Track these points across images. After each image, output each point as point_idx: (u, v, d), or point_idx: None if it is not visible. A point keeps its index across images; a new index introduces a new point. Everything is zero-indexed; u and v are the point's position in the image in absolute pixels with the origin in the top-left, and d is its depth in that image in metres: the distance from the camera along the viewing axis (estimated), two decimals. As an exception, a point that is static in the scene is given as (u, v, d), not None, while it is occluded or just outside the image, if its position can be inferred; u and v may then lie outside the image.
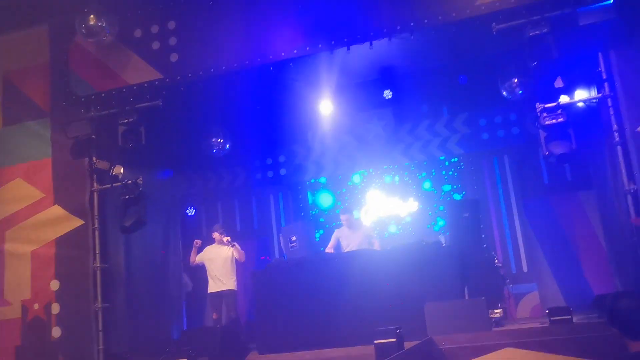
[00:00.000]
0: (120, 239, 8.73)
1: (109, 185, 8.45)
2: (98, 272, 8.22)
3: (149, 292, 9.42)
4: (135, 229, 8.23)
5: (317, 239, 11.09)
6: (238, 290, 9.39)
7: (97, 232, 8.31)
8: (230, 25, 8.11)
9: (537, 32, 6.98)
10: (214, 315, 9.23)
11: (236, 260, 9.27)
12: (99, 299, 8.14)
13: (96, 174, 8.48)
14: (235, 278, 9.19)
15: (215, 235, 9.42)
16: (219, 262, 9.18)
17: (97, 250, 8.26)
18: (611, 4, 6.59)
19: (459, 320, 6.94)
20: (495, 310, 7.86)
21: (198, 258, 9.38)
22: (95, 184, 8.47)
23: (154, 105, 8.30)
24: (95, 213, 8.36)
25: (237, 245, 9.26)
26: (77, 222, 8.33)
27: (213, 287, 9.20)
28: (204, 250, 9.43)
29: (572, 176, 9.96)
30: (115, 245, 8.67)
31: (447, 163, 10.94)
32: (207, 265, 9.31)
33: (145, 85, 8.31)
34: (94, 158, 8.46)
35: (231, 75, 8.21)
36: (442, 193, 10.87)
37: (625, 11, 6.64)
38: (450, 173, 10.90)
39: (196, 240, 9.44)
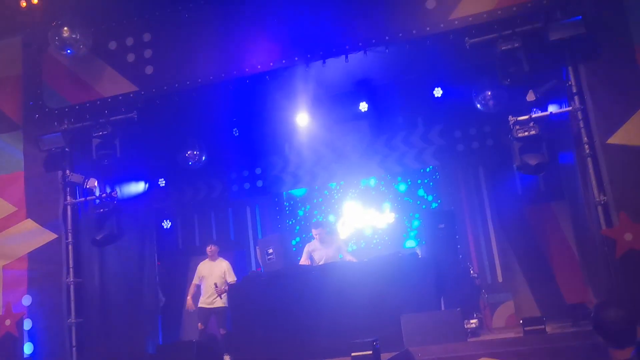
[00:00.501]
0: (95, 253, 8.63)
1: (83, 199, 8.37)
2: (72, 287, 8.12)
3: (124, 306, 9.29)
4: (108, 243, 8.15)
5: (294, 251, 11.08)
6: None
7: (70, 246, 8.21)
8: (206, 38, 8.13)
9: (508, 46, 7.12)
10: (200, 326, 9.37)
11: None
12: (73, 314, 8.03)
13: (70, 187, 8.39)
14: (226, 295, 9.27)
15: (209, 250, 9.68)
16: (211, 280, 9.37)
17: (71, 265, 8.17)
18: (580, 19, 6.74)
19: (435, 331, 6.99)
20: (471, 321, 7.93)
21: (195, 280, 9.65)
22: (68, 198, 8.38)
23: (128, 118, 8.25)
24: (69, 227, 8.26)
25: (227, 273, 9.52)
26: (50, 236, 8.23)
27: (204, 302, 9.42)
28: (198, 267, 9.67)
29: (545, 187, 10.10)
30: (90, 260, 8.56)
31: (422, 173, 11.01)
32: (201, 281, 9.58)
33: (120, 97, 8.28)
34: (68, 171, 8.37)
35: (207, 88, 8.22)
36: (418, 204, 10.94)
37: (594, 27, 6.81)
38: (426, 182, 10.98)
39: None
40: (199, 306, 9.43)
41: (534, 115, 7.33)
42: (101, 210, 8.14)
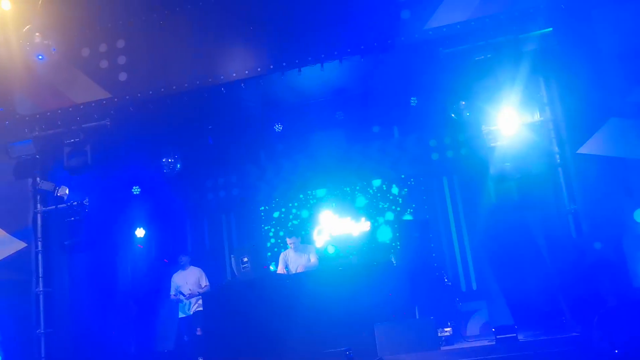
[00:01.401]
0: (65, 262, 8.50)
1: (54, 207, 8.24)
2: (41, 297, 7.97)
3: (95, 316, 9.15)
4: (79, 251, 8.04)
5: (269, 259, 11.04)
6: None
7: (40, 255, 8.07)
8: (181, 45, 8.09)
9: (482, 56, 7.21)
10: (199, 331, 9.24)
11: None
12: (42, 324, 7.88)
13: (40, 195, 8.26)
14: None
15: (181, 260, 9.64)
16: (187, 288, 9.38)
17: (41, 274, 8.03)
18: (551, 31, 6.85)
19: (409, 339, 6.99)
20: (445, 329, 7.96)
21: (172, 291, 9.54)
22: (39, 205, 8.24)
23: (101, 125, 8.16)
24: (39, 235, 8.12)
25: (201, 281, 9.51)
26: (20, 245, 8.09)
27: (182, 313, 9.53)
28: (172, 278, 9.60)
29: (518, 196, 10.18)
30: (60, 269, 8.43)
31: (397, 182, 11.06)
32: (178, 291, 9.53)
33: (93, 104, 8.19)
34: (38, 179, 8.24)
35: (182, 95, 8.17)
36: (394, 212, 10.97)
37: (565, 39, 6.93)
38: (404, 192, 11.01)
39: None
40: (180, 317, 9.49)
41: (506, 125, 7.41)
42: (72, 218, 8.02)
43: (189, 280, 9.44)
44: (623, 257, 6.64)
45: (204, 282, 9.52)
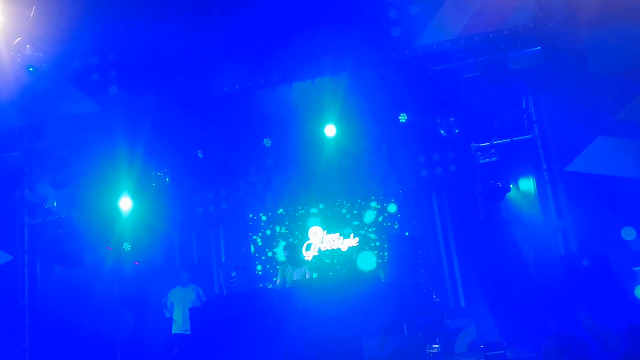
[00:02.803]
0: (53, 275, 8.41)
1: (42, 219, 8.17)
2: (27, 310, 7.88)
3: (82, 330, 9.04)
4: (67, 265, 7.96)
5: (258, 274, 11.01)
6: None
7: (27, 268, 7.99)
8: (172, 59, 8.11)
9: (471, 74, 7.27)
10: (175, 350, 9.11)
11: None
12: (27, 338, 7.78)
13: (28, 207, 8.19)
14: None
15: (181, 276, 9.39)
16: (185, 304, 9.08)
17: (27, 287, 7.93)
18: (539, 50, 6.94)
19: (397, 355, 6.97)
20: (434, 346, 7.95)
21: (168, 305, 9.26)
22: (26, 218, 8.18)
23: (91, 137, 8.13)
24: (26, 248, 8.05)
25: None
26: (6, 258, 8.01)
27: (175, 328, 9.19)
28: (169, 294, 9.32)
29: (506, 213, 10.24)
30: (47, 282, 8.34)
31: (387, 198, 11.08)
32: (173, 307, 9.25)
33: (83, 117, 8.15)
34: (26, 191, 8.18)
35: (172, 108, 8.17)
36: (383, 228, 10.98)
37: (552, 57, 7.01)
38: (393, 208, 11.03)
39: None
40: (174, 333, 9.19)
41: (495, 142, 7.47)
42: (60, 231, 7.95)
43: (185, 298, 9.17)
44: (610, 275, 6.68)
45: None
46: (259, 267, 11.26)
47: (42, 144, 8.26)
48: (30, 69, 7.98)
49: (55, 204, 8.14)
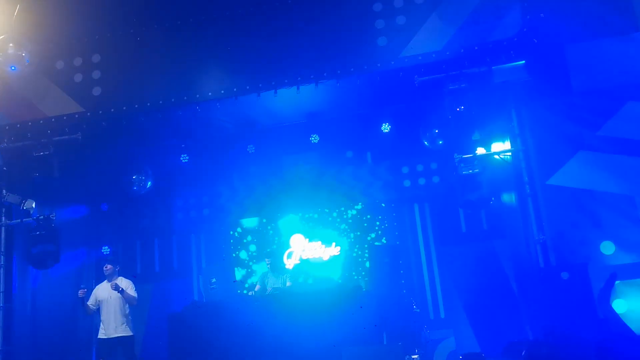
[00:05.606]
0: (28, 278, 8.29)
1: (19, 220, 8.05)
2: (1, 312, 7.74)
3: (57, 335, 8.90)
4: (44, 267, 7.82)
5: (238, 281, 10.92)
6: (152, 334, 9.01)
7: (2, 270, 7.86)
8: (157, 62, 8.06)
9: (455, 86, 7.33)
10: None
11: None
12: (0, 340, 7.64)
13: (5, 207, 8.06)
14: (129, 320, 8.01)
15: (105, 269, 8.16)
16: (111, 303, 7.92)
17: (2, 289, 7.80)
18: (523, 64, 7.01)
19: (376, 365, 6.96)
20: (413, 356, 7.93)
21: (91, 300, 8.02)
22: (3, 218, 8.04)
23: (72, 139, 8.04)
24: (2, 249, 7.91)
25: (127, 290, 7.97)
26: (-19, 259, 7.86)
27: (106, 333, 7.87)
28: (94, 291, 8.18)
29: (487, 225, 10.30)
30: (22, 284, 8.20)
31: (369, 208, 11.08)
32: (99, 307, 8.04)
33: (65, 118, 8.08)
34: (4, 191, 8.05)
35: (156, 112, 8.12)
36: (365, 238, 10.97)
37: (536, 71, 7.10)
38: (376, 218, 11.03)
39: (80, 291, 7.86)
40: (99, 337, 7.96)
41: (478, 154, 7.52)
42: (38, 232, 7.82)
43: (113, 294, 7.92)
44: (589, 288, 6.73)
45: (133, 294, 8.10)
46: (240, 273, 11.18)
47: (22, 145, 8.13)
48: (13, 68, 7.89)
49: (33, 205, 8.02)
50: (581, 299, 6.65)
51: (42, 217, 7.90)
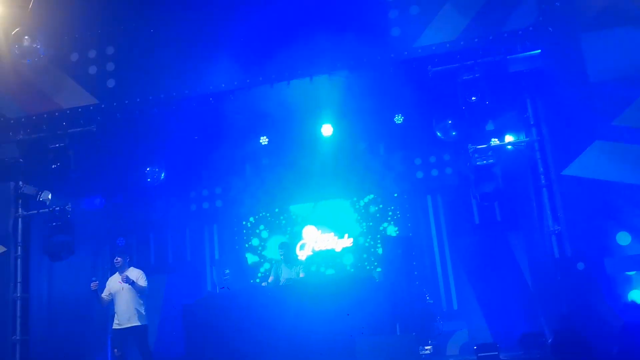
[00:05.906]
0: (44, 269, 8.37)
1: (36, 212, 8.11)
2: (18, 302, 7.81)
3: (73, 324, 8.99)
4: (60, 258, 7.88)
5: (251, 272, 10.96)
6: (166, 325, 9.06)
7: (19, 260, 7.93)
8: (171, 54, 8.09)
9: (470, 76, 7.28)
10: (115, 351, 7.86)
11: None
12: (18, 330, 7.72)
13: (22, 199, 8.13)
14: (143, 310, 7.91)
15: (116, 262, 8.05)
16: (123, 294, 7.83)
17: (19, 279, 7.87)
18: (539, 53, 6.95)
19: (389, 356, 6.96)
20: (426, 347, 7.95)
21: (105, 292, 7.94)
22: (20, 210, 8.11)
23: (87, 131, 8.09)
24: (19, 240, 7.98)
25: (137, 281, 7.82)
26: (-1, 249, 7.94)
27: (116, 323, 7.84)
28: (107, 283, 8.09)
29: (501, 217, 10.26)
30: (39, 275, 8.28)
31: (382, 199, 11.07)
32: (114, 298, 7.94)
33: (79, 109, 8.14)
34: (21, 182, 8.12)
35: (169, 104, 8.15)
36: (378, 229, 10.97)
37: (552, 61, 7.03)
38: (389, 209, 11.01)
39: (92, 283, 7.76)
40: (114, 328, 7.89)
41: (492, 145, 7.48)
42: (54, 223, 7.88)
43: (125, 286, 7.75)
44: (605, 279, 6.70)
45: (143, 283, 7.90)
46: (252, 259, 11.19)
47: (37, 137, 8.19)
48: (28, 60, 7.95)
49: (49, 197, 8.08)
50: (597, 290, 6.62)
51: (57, 208, 7.96)
